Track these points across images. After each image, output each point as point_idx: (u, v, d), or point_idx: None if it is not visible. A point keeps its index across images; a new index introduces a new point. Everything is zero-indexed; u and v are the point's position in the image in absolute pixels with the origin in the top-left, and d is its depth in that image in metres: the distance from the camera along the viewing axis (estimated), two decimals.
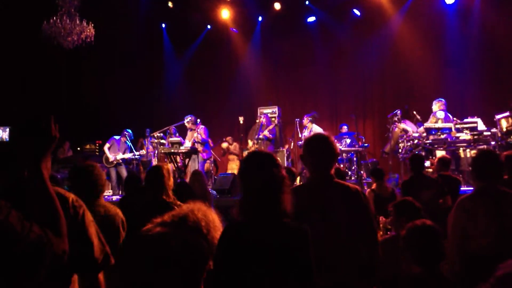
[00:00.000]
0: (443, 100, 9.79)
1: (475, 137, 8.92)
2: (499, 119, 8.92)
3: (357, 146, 11.02)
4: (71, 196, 2.20)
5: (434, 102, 9.87)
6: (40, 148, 1.92)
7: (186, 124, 11.23)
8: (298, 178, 9.58)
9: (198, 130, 11.08)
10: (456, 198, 4.07)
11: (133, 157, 11.50)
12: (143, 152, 11.69)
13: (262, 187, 2.30)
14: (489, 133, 8.96)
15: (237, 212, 2.34)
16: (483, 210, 3.50)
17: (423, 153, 9.15)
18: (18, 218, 1.73)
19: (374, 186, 6.91)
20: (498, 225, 3.42)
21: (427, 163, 8.62)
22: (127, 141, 11.50)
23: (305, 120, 11.35)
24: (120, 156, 11.31)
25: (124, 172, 11.33)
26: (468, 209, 3.56)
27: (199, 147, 10.93)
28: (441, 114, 9.62)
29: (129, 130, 11.60)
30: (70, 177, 3.50)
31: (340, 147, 10.72)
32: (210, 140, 11.53)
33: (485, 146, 8.94)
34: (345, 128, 11.98)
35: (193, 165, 10.82)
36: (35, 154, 1.90)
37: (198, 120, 11.28)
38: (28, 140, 1.90)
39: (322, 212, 2.78)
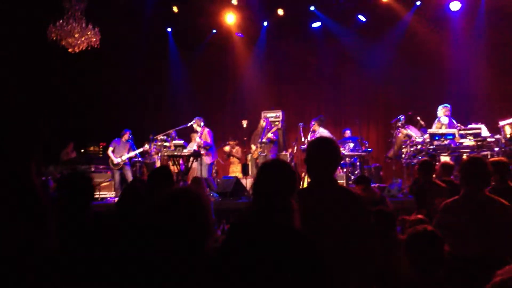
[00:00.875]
0: (448, 105, 9.79)
1: (479, 143, 8.92)
2: (503, 126, 8.92)
3: (360, 150, 11.02)
4: None
5: (439, 108, 9.87)
6: (29, 146, 1.93)
7: (194, 125, 11.22)
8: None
9: (203, 133, 11.08)
10: None
11: (136, 158, 11.57)
12: (147, 147, 11.71)
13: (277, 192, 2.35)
14: (493, 139, 8.96)
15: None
16: (466, 215, 3.53)
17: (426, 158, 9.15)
18: None
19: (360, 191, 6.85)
20: (481, 230, 3.45)
21: None
22: (129, 140, 11.57)
23: (312, 124, 11.37)
24: (125, 156, 11.38)
25: (129, 175, 11.39)
26: (451, 212, 3.60)
27: (203, 151, 10.94)
28: (445, 120, 9.62)
29: (129, 130, 11.66)
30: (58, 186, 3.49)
31: (343, 151, 10.72)
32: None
33: (488, 152, 8.93)
34: (348, 133, 11.97)
35: (199, 168, 10.84)
36: (24, 152, 1.91)
37: (202, 123, 11.29)
38: (18, 138, 1.91)
39: (320, 215, 2.77)
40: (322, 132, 11.03)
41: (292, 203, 2.38)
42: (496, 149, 8.87)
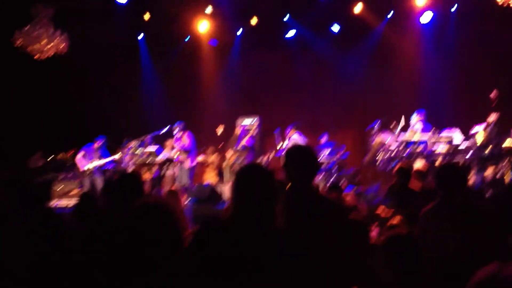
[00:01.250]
0: (422, 111, 9.96)
1: (451, 149, 9.06)
2: (475, 133, 9.10)
3: (337, 156, 11.08)
4: None
5: (414, 114, 10.05)
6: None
7: (175, 131, 11.06)
8: None
9: (182, 137, 10.94)
10: None
11: (106, 166, 11.35)
12: (120, 155, 11.50)
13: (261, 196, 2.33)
14: (465, 145, 9.12)
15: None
16: (448, 220, 3.58)
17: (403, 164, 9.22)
18: None
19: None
20: (459, 236, 3.49)
21: None
22: (100, 148, 11.34)
23: (289, 131, 11.38)
24: (92, 164, 11.13)
25: (98, 182, 11.16)
26: (431, 219, 3.64)
27: (182, 156, 10.80)
28: (419, 126, 9.77)
29: (103, 137, 11.44)
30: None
31: (320, 157, 10.77)
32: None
33: (461, 159, 9.07)
34: (325, 139, 12.03)
35: (181, 174, 10.74)
36: None
37: (182, 127, 11.12)
38: None
39: (297, 223, 2.76)
40: (295, 138, 11.06)
41: (276, 208, 2.34)
42: (469, 155, 9.02)
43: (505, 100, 9.43)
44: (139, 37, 15.27)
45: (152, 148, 11.05)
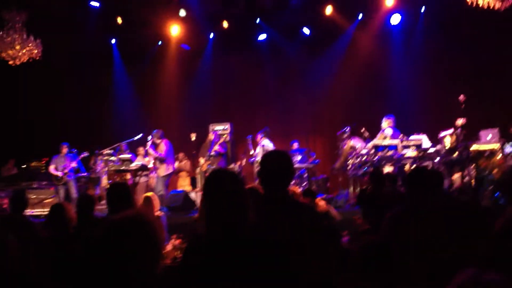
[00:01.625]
0: (392, 117, 10.07)
1: (420, 154, 9.21)
2: (443, 136, 9.24)
3: (307, 162, 11.16)
4: None
5: (384, 119, 10.14)
6: None
7: (154, 139, 10.98)
8: None
9: (159, 145, 10.88)
10: None
11: (82, 172, 11.28)
12: (86, 154, 11.42)
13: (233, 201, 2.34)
14: (433, 149, 9.28)
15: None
16: (414, 225, 3.61)
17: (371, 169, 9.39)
18: None
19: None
20: (426, 241, 3.53)
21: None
22: (67, 154, 11.23)
23: (259, 137, 11.42)
24: (65, 169, 11.02)
25: (73, 190, 11.07)
26: (398, 223, 3.67)
27: (157, 164, 10.78)
28: (389, 131, 9.89)
29: (66, 143, 11.33)
30: None
31: None
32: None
33: (430, 163, 9.25)
34: (296, 145, 12.09)
35: (156, 182, 10.76)
36: None
37: (159, 135, 11.03)
38: None
39: (274, 230, 2.75)
40: (266, 144, 11.11)
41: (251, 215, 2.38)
42: (437, 159, 9.19)
43: (472, 104, 9.60)
44: (112, 42, 15.19)
45: (126, 155, 11.00)
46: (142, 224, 2.05)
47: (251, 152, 11.37)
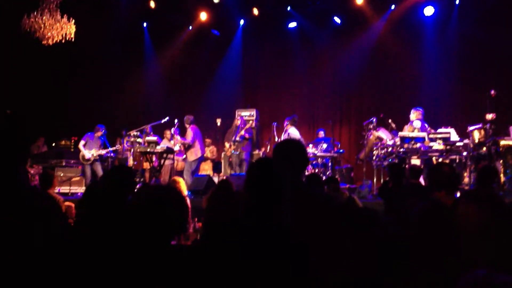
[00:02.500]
0: (421, 109, 9.93)
1: (448, 147, 9.08)
2: (472, 131, 9.08)
3: (332, 151, 11.11)
4: None
5: (412, 111, 10.00)
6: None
7: (184, 123, 11.10)
8: None
9: (187, 131, 10.97)
10: None
11: (108, 154, 11.44)
12: (119, 146, 11.64)
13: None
14: (461, 143, 9.14)
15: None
16: (439, 222, 3.57)
17: (396, 161, 9.32)
18: None
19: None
20: (447, 240, 3.49)
21: None
22: (101, 136, 11.42)
23: (285, 124, 11.42)
24: (96, 152, 11.23)
25: (99, 170, 11.26)
26: (424, 221, 3.63)
27: (185, 149, 10.89)
28: (417, 124, 9.77)
29: (103, 125, 11.51)
30: None
31: (316, 152, 10.82)
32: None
33: (457, 157, 9.13)
34: (322, 133, 12.07)
35: (186, 165, 10.89)
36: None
37: (190, 121, 11.12)
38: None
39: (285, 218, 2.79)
40: (292, 132, 11.07)
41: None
42: (465, 153, 9.06)
43: (503, 99, 9.43)
44: (144, 25, 15.34)
45: (152, 138, 11.12)
46: (176, 192, 2.31)
47: (276, 139, 11.36)
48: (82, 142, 11.35)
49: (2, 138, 1.93)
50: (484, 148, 8.89)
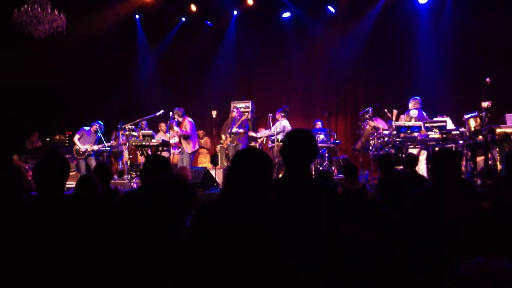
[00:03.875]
0: (418, 98, 9.93)
1: (444, 136, 9.07)
2: (468, 119, 9.08)
3: (329, 142, 11.09)
4: None
5: (410, 100, 10.01)
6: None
7: (175, 116, 11.02)
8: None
9: (183, 123, 10.89)
10: None
11: (104, 148, 11.38)
12: (114, 143, 11.57)
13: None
14: (457, 132, 9.13)
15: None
16: (433, 206, 3.56)
17: (393, 151, 9.31)
18: None
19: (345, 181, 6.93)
20: (452, 221, 3.49)
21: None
22: (97, 132, 11.36)
23: (278, 116, 11.38)
24: (89, 147, 11.16)
25: (93, 164, 11.18)
26: (419, 203, 3.62)
27: (184, 141, 10.80)
28: (414, 113, 9.78)
29: (100, 122, 11.45)
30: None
31: None
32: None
33: (453, 145, 9.12)
34: (319, 124, 12.02)
35: (181, 157, 10.78)
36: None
37: (181, 113, 11.05)
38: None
39: (293, 208, 2.75)
40: (287, 125, 11.08)
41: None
42: (461, 142, 9.06)
43: (499, 86, 9.41)
44: (136, 17, 15.23)
45: (147, 131, 11.07)
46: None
47: (272, 130, 11.32)
48: (76, 136, 11.29)
49: None
50: (480, 136, 8.88)
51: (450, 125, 9.41)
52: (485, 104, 8.88)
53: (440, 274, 3.09)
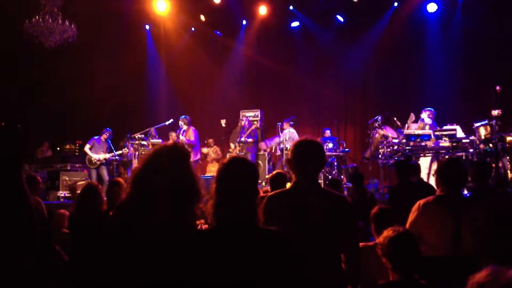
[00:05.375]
0: (431, 109, 9.91)
1: (454, 144, 9.02)
2: (478, 127, 9.03)
3: (338, 151, 11.07)
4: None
5: (423, 111, 9.98)
6: (19, 153, 1.86)
7: (180, 123, 11.07)
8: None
9: (188, 132, 10.94)
10: None
11: (114, 157, 11.42)
12: (126, 150, 11.59)
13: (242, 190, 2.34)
14: (467, 140, 9.07)
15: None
16: (440, 215, 3.55)
17: (403, 159, 9.27)
18: None
19: (353, 190, 6.91)
20: (453, 230, 3.47)
21: None
22: (107, 140, 11.41)
23: (285, 125, 11.40)
24: (102, 156, 11.21)
25: (105, 173, 11.24)
26: (424, 213, 3.61)
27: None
28: (428, 121, 9.77)
29: (109, 129, 11.50)
30: None
31: None
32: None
33: (463, 154, 9.06)
34: (328, 133, 12.01)
35: None
36: (13, 159, 1.84)
37: (187, 122, 11.12)
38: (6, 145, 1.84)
39: (303, 219, 2.76)
40: (292, 133, 11.12)
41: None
42: (471, 150, 9.00)
43: (509, 94, 9.34)
44: (146, 28, 15.34)
45: (157, 140, 11.11)
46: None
47: (281, 139, 11.32)
48: (87, 146, 11.33)
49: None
50: (491, 145, 8.82)
51: (460, 133, 9.36)
52: (495, 112, 8.81)
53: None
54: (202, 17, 14.51)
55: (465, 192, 6.84)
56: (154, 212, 2.31)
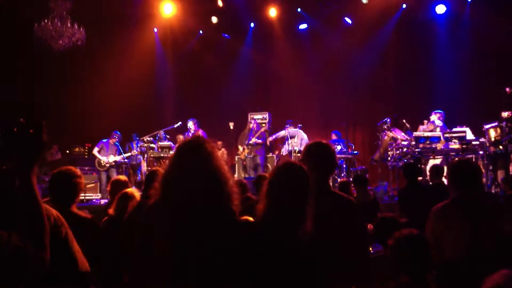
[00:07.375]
0: (442, 112, 9.87)
1: (464, 146, 8.98)
2: (488, 129, 8.99)
3: (347, 153, 11.04)
4: (54, 213, 2.24)
5: (432, 113, 9.95)
6: (31, 154, 1.85)
7: (188, 124, 11.11)
8: None
9: (198, 134, 10.96)
10: None
11: (123, 160, 11.45)
12: (134, 152, 11.61)
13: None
14: (477, 142, 9.04)
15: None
16: (457, 218, 3.50)
17: (412, 161, 9.22)
18: None
19: (355, 193, 6.87)
20: (471, 233, 3.43)
21: None
22: (116, 143, 11.46)
23: (289, 128, 11.44)
24: (112, 158, 11.26)
25: (114, 176, 11.26)
26: (442, 217, 3.56)
27: None
28: (439, 122, 9.74)
29: (118, 132, 11.54)
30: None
31: None
32: None
33: (473, 156, 9.02)
34: (336, 135, 11.98)
35: None
36: (25, 161, 1.83)
37: (195, 125, 11.17)
38: (18, 146, 1.83)
39: (313, 221, 2.75)
40: (298, 131, 11.18)
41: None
42: (481, 152, 8.96)
43: None
44: (154, 31, 15.38)
45: (165, 143, 11.13)
46: None
47: (289, 141, 11.31)
48: (96, 149, 11.39)
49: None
50: (501, 147, 8.78)
51: (469, 135, 9.32)
52: (505, 114, 8.78)
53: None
54: (214, 19, 14.49)
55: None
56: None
